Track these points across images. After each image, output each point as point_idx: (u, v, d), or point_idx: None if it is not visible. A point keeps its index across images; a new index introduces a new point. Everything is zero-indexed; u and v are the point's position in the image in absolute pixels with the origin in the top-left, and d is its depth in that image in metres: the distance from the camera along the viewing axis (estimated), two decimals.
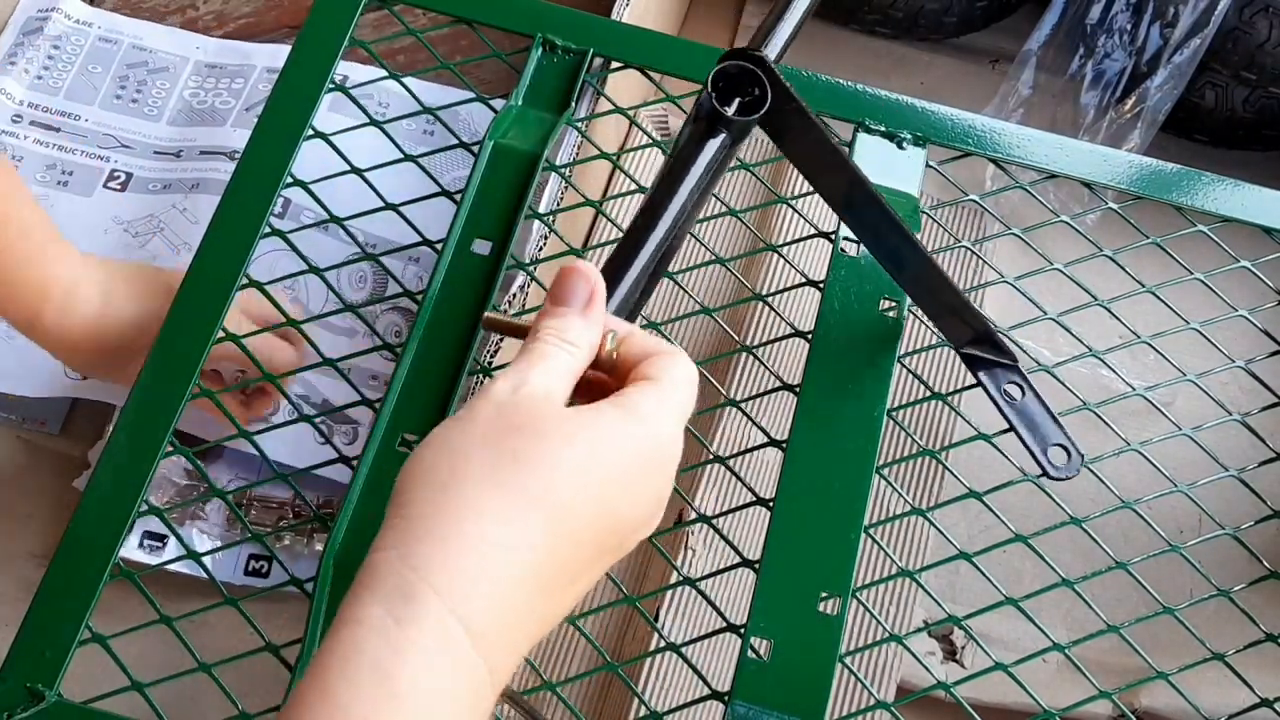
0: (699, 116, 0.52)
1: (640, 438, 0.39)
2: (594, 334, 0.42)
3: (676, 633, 0.88)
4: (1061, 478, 0.67)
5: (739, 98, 0.52)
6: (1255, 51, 1.05)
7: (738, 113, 0.52)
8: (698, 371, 0.44)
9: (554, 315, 0.42)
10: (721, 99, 0.51)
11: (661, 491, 0.41)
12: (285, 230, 0.74)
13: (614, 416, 0.39)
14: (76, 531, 0.64)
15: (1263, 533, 0.70)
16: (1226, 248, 0.75)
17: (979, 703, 0.66)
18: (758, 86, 0.52)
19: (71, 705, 0.60)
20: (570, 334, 0.41)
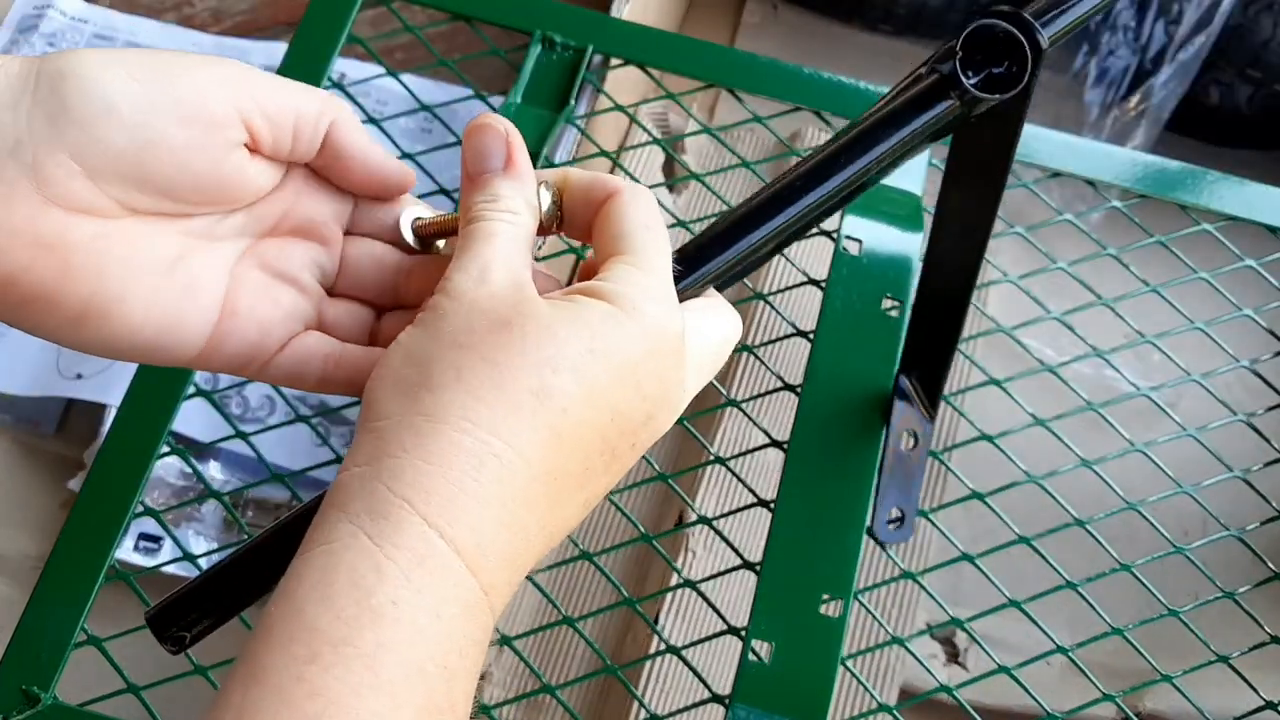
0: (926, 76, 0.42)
1: (633, 330, 0.35)
2: (529, 191, 0.37)
3: (677, 635, 0.87)
4: (881, 540, 0.64)
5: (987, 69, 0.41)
6: (1260, 49, 1.05)
7: (980, 87, 0.41)
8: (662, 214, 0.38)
9: (478, 186, 0.37)
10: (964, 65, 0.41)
11: (669, 379, 0.36)
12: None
13: (602, 312, 0.34)
14: (72, 533, 0.63)
15: (1268, 534, 0.69)
16: (1232, 247, 0.75)
17: (982, 705, 0.65)
18: (1014, 62, 0.41)
19: (67, 708, 0.60)
20: (504, 200, 0.37)
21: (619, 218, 0.37)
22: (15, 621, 0.61)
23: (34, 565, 0.88)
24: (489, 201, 0.36)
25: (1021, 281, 0.74)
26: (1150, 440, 0.70)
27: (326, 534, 0.32)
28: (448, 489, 0.32)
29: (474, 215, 0.36)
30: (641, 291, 0.35)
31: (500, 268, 0.35)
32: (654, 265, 0.36)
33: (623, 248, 0.36)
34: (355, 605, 0.30)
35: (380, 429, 0.33)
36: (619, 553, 0.94)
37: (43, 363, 0.88)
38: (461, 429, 0.32)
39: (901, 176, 0.74)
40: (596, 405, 0.34)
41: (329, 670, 0.29)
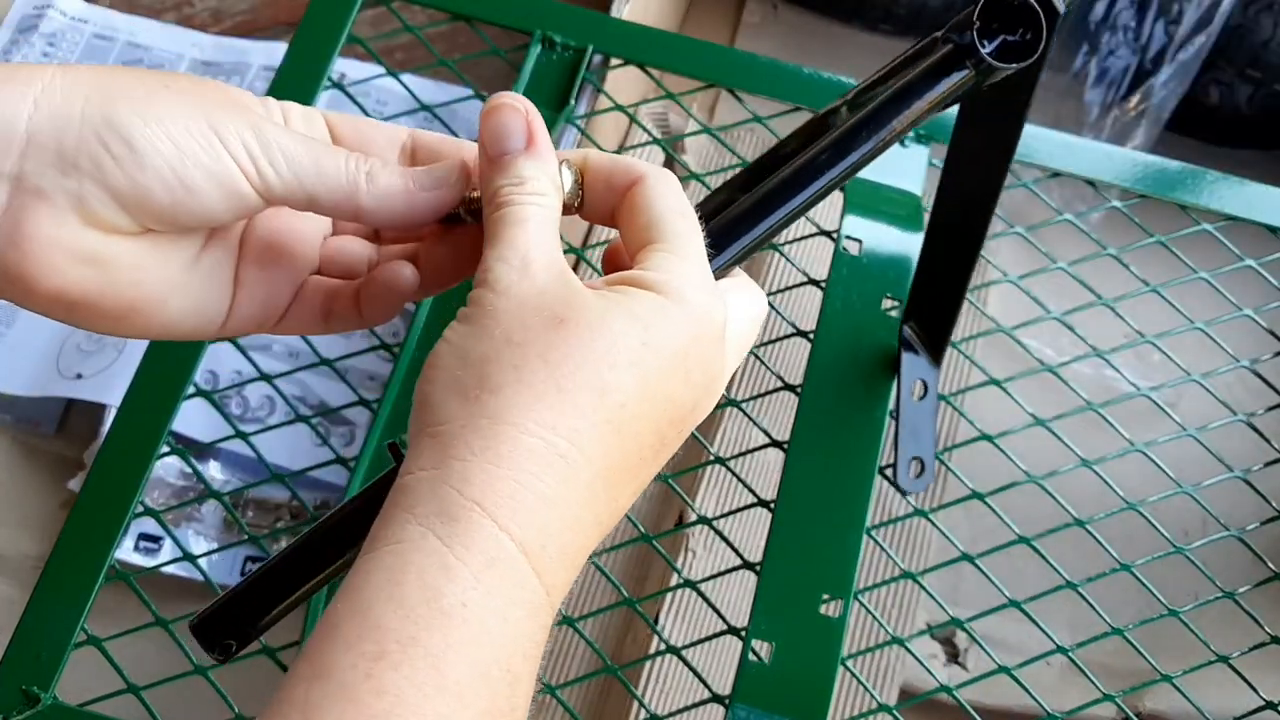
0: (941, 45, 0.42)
1: (680, 319, 0.34)
2: (553, 171, 0.36)
3: (677, 635, 0.87)
4: (910, 490, 0.65)
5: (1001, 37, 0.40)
6: (1260, 49, 1.04)
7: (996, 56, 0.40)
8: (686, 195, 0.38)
9: (501, 168, 0.36)
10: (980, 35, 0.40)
11: (714, 364, 0.36)
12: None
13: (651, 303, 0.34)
14: (72, 533, 0.63)
15: (1268, 534, 0.69)
16: (1232, 247, 0.75)
17: (982, 706, 0.65)
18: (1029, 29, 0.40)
19: (67, 708, 0.60)
20: (531, 182, 0.36)
21: (649, 204, 0.37)
22: (15, 621, 0.61)
23: (34, 565, 0.88)
24: (515, 184, 0.36)
25: (1021, 281, 0.74)
26: (1150, 440, 0.70)
27: (394, 534, 0.31)
28: (517, 492, 0.32)
29: (501, 200, 0.35)
30: (685, 279, 0.35)
31: (540, 256, 0.34)
32: (691, 252, 0.36)
33: (657, 235, 0.36)
34: (425, 605, 0.30)
35: (443, 433, 0.32)
36: (619, 553, 0.94)
37: (43, 363, 0.88)
38: (527, 430, 0.32)
39: (901, 176, 0.74)
40: (651, 398, 0.34)
41: (397, 669, 0.29)
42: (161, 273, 0.37)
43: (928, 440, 0.66)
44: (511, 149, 0.36)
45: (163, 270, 0.37)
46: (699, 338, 0.35)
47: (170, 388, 0.67)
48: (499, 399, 0.32)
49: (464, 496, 0.31)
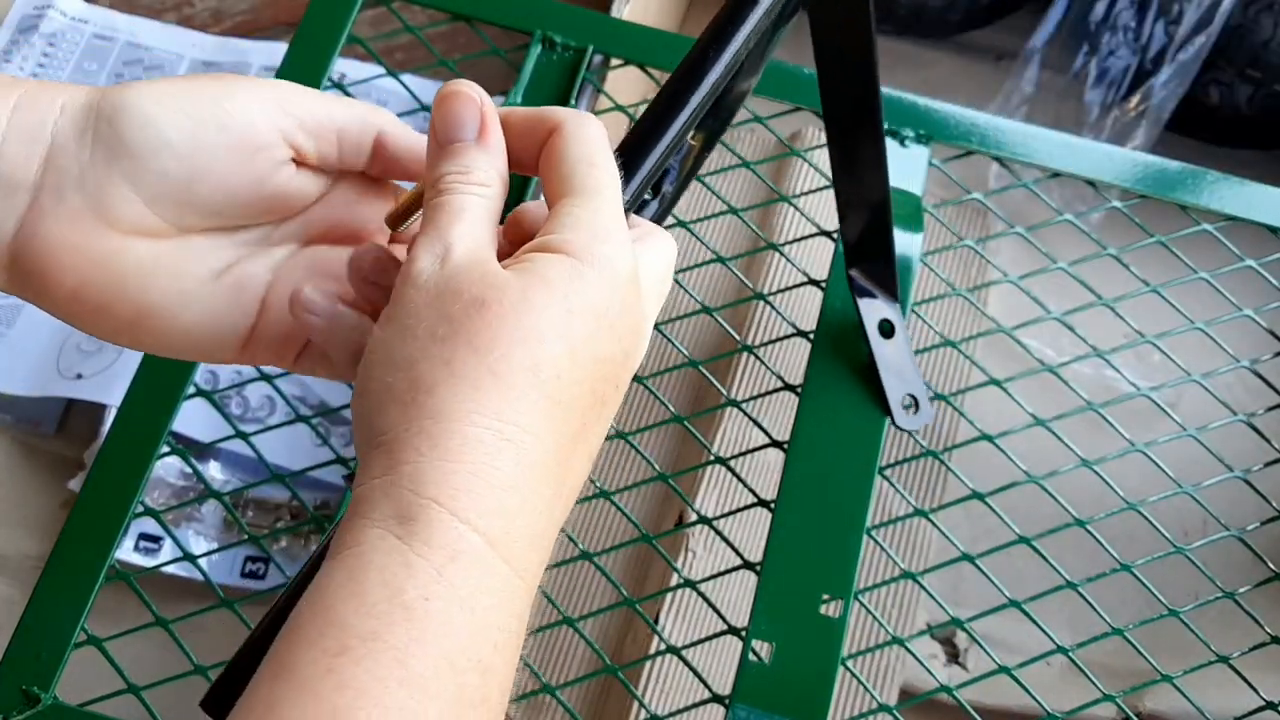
0: None
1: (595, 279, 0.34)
2: (500, 163, 0.36)
3: (677, 635, 0.87)
4: (908, 428, 0.66)
5: None
6: (1260, 50, 1.04)
7: None
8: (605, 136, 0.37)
9: (449, 155, 0.35)
10: None
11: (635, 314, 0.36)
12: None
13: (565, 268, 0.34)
14: (72, 533, 0.63)
15: (1268, 534, 0.69)
16: (1232, 247, 0.75)
17: (982, 706, 0.65)
18: None
19: (67, 708, 0.60)
20: (476, 172, 0.35)
21: (562, 156, 0.36)
22: (15, 621, 0.61)
23: (34, 565, 0.88)
24: (460, 173, 0.35)
25: (1022, 281, 0.74)
26: (1150, 440, 0.70)
27: (353, 539, 0.31)
28: (473, 482, 0.32)
29: (443, 187, 0.35)
30: (593, 236, 0.34)
31: (462, 244, 0.34)
32: (602, 203, 0.35)
33: (569, 188, 0.35)
34: (386, 601, 0.30)
35: (387, 441, 0.32)
36: (619, 553, 0.94)
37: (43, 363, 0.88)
38: (471, 422, 0.32)
39: (901, 177, 0.74)
40: (583, 362, 0.34)
41: (359, 663, 0.29)
42: (179, 282, 0.37)
43: (913, 376, 0.66)
44: (463, 137, 0.36)
45: (180, 279, 0.37)
46: (615, 290, 0.35)
47: (170, 388, 0.67)
48: (436, 398, 0.32)
49: (420, 495, 0.31)
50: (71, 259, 0.35)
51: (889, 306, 0.66)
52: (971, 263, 1.03)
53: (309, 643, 0.30)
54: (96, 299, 0.36)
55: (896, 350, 0.66)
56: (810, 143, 1.05)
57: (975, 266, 1.03)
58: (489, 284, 0.33)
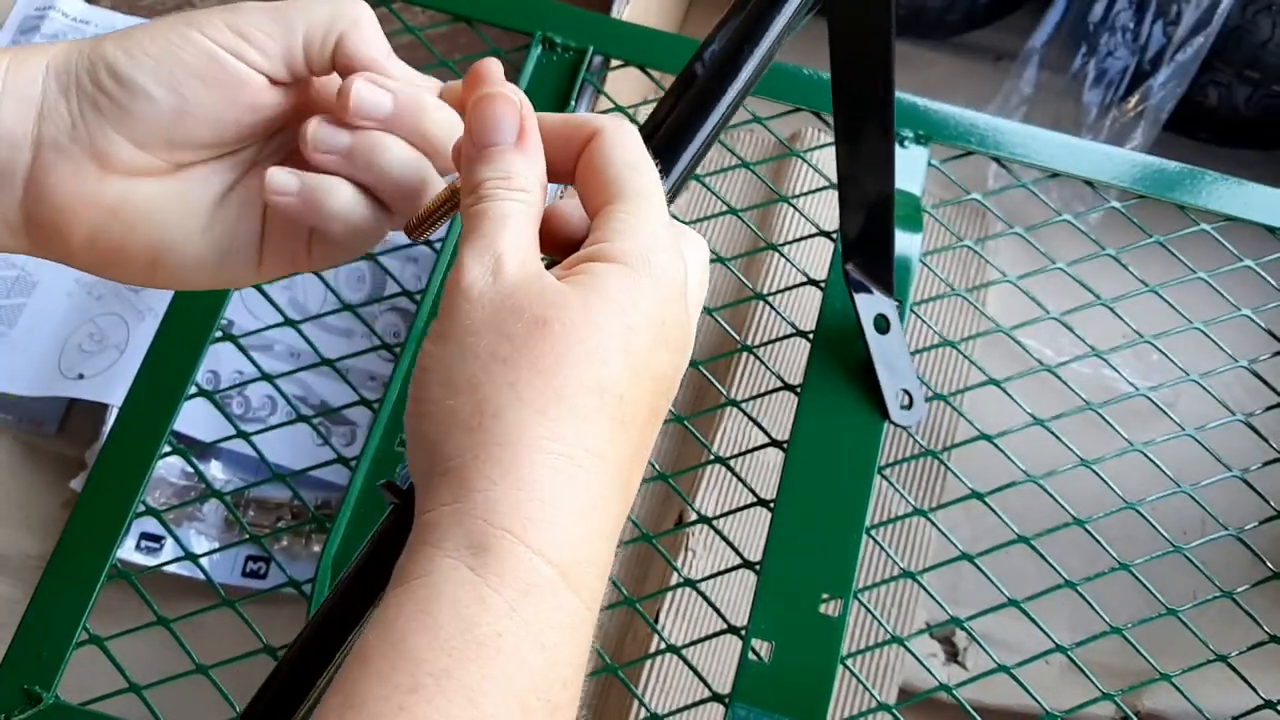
0: None
1: (651, 290, 0.33)
2: (541, 168, 0.35)
3: (677, 634, 0.87)
4: (903, 424, 0.65)
5: None
6: (1258, 50, 1.05)
7: None
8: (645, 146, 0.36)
9: (488, 160, 0.34)
10: None
11: (684, 324, 0.35)
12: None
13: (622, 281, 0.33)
14: (74, 533, 0.63)
15: (1266, 534, 0.69)
16: (1230, 247, 0.75)
17: (981, 705, 0.65)
18: None
19: (69, 707, 0.60)
20: (517, 178, 0.34)
21: (606, 162, 0.35)
22: (17, 621, 0.61)
23: (36, 565, 0.88)
24: (501, 179, 0.34)
25: (1021, 282, 0.74)
26: (1149, 440, 0.70)
27: (424, 568, 0.30)
28: (545, 511, 0.31)
29: (484, 193, 0.34)
30: (647, 243, 0.34)
31: (513, 256, 0.33)
32: (650, 209, 0.34)
33: (614, 194, 0.34)
34: (459, 636, 0.29)
35: (456, 468, 0.31)
36: (619, 552, 0.94)
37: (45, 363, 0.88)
38: (541, 448, 0.31)
39: (901, 177, 0.74)
40: (643, 379, 0.33)
41: (431, 702, 0.28)
42: (186, 213, 0.37)
43: (908, 372, 0.66)
44: (502, 141, 0.34)
45: (187, 210, 0.37)
46: (669, 302, 0.34)
47: (172, 388, 0.67)
48: (504, 423, 0.31)
49: (492, 525, 0.30)
50: (81, 209, 0.36)
51: (885, 302, 0.66)
52: (970, 263, 1.03)
53: (380, 677, 0.29)
54: (112, 243, 0.37)
55: (892, 345, 0.66)
56: (810, 143, 1.05)
57: (974, 267, 1.03)
58: (549, 301, 0.32)
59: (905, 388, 0.66)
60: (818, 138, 1.06)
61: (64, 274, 0.94)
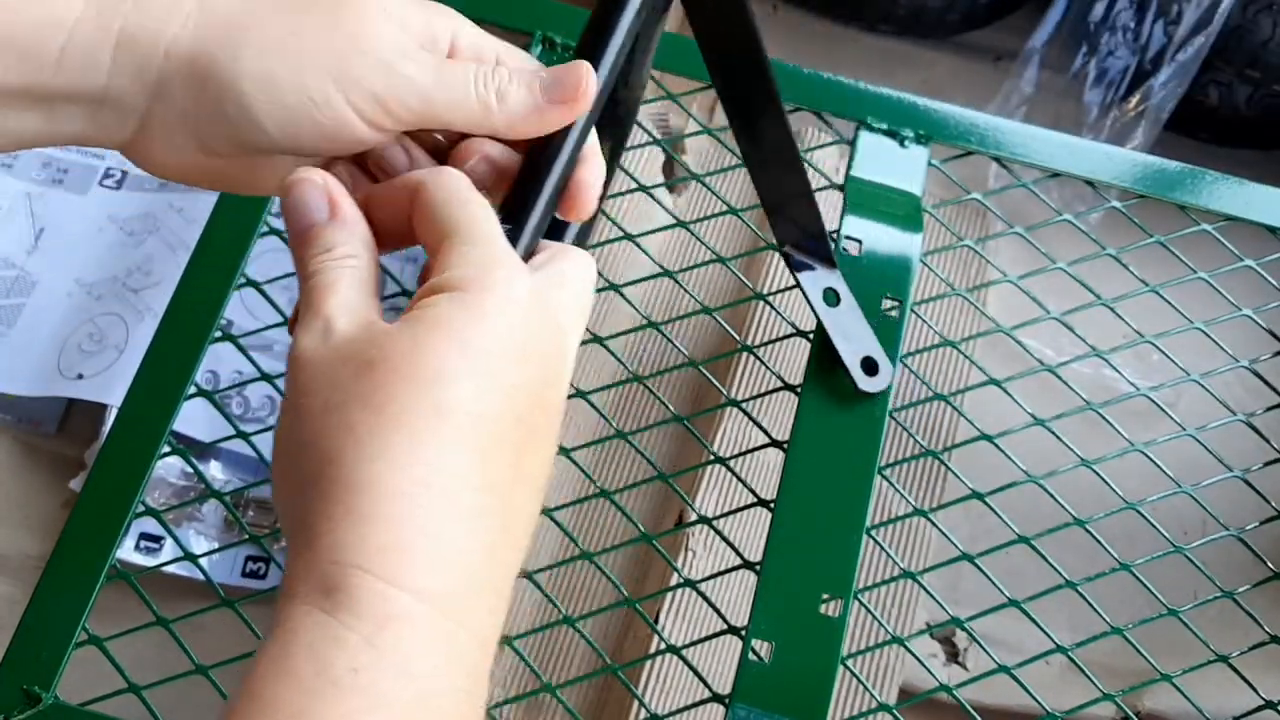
0: None
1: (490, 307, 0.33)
2: (362, 232, 0.36)
3: (677, 635, 0.87)
4: (869, 390, 0.65)
5: None
6: (1259, 50, 1.05)
7: None
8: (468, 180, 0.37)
9: (306, 242, 0.36)
10: None
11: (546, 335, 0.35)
12: (283, 230, 0.74)
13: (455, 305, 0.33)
14: (73, 533, 0.63)
15: (1267, 534, 0.69)
16: (1231, 247, 0.75)
17: (981, 705, 0.65)
18: None
19: (68, 707, 0.60)
20: (339, 248, 0.35)
21: (430, 208, 0.35)
22: (17, 621, 0.61)
23: (35, 565, 0.88)
24: (324, 253, 0.35)
25: (1021, 281, 0.74)
26: (1150, 440, 0.70)
27: (282, 619, 0.30)
28: (395, 539, 0.30)
29: (310, 270, 0.35)
30: (478, 266, 0.34)
31: (342, 315, 0.33)
32: (478, 234, 0.35)
33: (444, 231, 0.35)
34: (315, 678, 0.29)
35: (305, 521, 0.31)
36: (619, 552, 0.94)
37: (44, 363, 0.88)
38: (381, 478, 0.31)
39: (901, 177, 0.74)
40: (494, 395, 0.33)
41: None
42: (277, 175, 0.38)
43: (867, 338, 0.65)
44: (316, 220, 0.36)
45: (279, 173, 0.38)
46: (515, 315, 0.33)
47: (171, 388, 0.67)
48: (343, 465, 0.31)
49: (340, 564, 0.30)
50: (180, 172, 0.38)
51: (830, 275, 0.66)
52: (971, 263, 1.03)
53: None
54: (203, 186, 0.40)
55: (845, 315, 0.65)
56: (810, 143, 1.05)
57: (975, 266, 1.03)
58: (376, 343, 0.32)
59: (867, 355, 0.66)
60: (818, 137, 1.06)
61: (64, 274, 0.94)
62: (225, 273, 0.70)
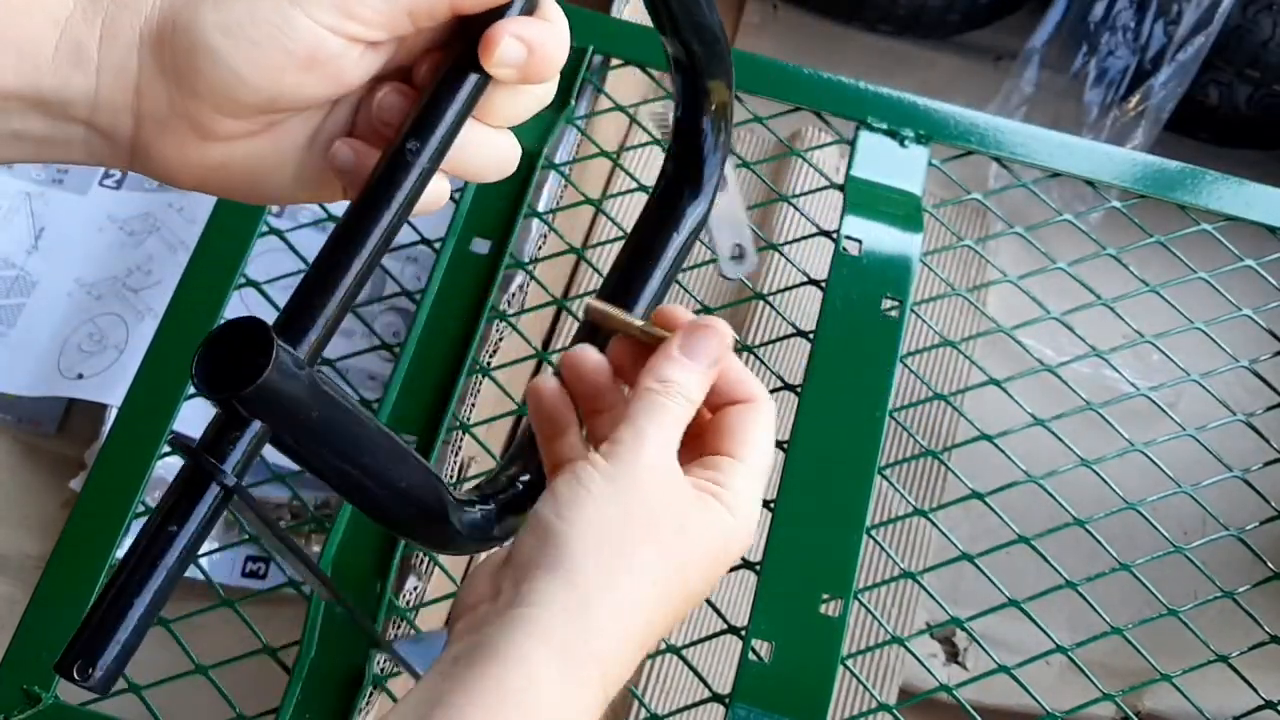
0: None
1: (732, 532, 0.42)
2: (708, 385, 0.43)
3: (677, 635, 0.87)
4: (733, 276, 0.67)
5: None
6: (1259, 49, 1.05)
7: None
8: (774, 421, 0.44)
9: (682, 368, 0.42)
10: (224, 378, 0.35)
11: (725, 568, 0.43)
12: (283, 229, 0.74)
13: (721, 511, 0.42)
14: (73, 533, 0.63)
15: (1267, 534, 0.69)
16: (1231, 247, 0.75)
17: (981, 705, 0.65)
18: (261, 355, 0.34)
19: (68, 707, 0.60)
20: (695, 392, 0.42)
21: (753, 426, 0.43)
22: (17, 621, 0.61)
23: (35, 565, 0.88)
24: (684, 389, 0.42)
25: (1021, 281, 0.74)
26: (1150, 440, 0.70)
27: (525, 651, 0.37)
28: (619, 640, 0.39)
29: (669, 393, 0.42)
30: (749, 501, 0.43)
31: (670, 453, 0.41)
32: (762, 478, 0.43)
33: (744, 454, 0.43)
34: None
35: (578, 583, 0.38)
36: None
37: (44, 363, 0.88)
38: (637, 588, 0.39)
39: (901, 177, 0.74)
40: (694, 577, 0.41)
41: None
42: (280, 162, 0.39)
43: (743, 228, 0.67)
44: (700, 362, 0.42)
45: (281, 159, 0.39)
46: (731, 548, 0.42)
47: (171, 388, 0.67)
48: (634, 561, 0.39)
49: (587, 644, 0.37)
50: (186, 170, 0.39)
51: None
52: (971, 263, 1.03)
53: None
54: (215, 189, 0.40)
55: (728, 203, 0.66)
56: (809, 142, 1.05)
57: (975, 266, 1.03)
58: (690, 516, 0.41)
59: (738, 242, 0.67)
60: (818, 137, 1.06)
61: (64, 274, 0.95)
62: (225, 273, 0.70)
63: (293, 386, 0.35)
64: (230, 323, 0.35)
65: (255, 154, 0.39)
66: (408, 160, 0.38)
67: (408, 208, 0.39)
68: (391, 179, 0.38)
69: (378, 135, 0.39)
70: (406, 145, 0.38)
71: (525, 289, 0.78)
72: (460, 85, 0.38)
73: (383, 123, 0.39)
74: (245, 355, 0.34)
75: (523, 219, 0.71)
